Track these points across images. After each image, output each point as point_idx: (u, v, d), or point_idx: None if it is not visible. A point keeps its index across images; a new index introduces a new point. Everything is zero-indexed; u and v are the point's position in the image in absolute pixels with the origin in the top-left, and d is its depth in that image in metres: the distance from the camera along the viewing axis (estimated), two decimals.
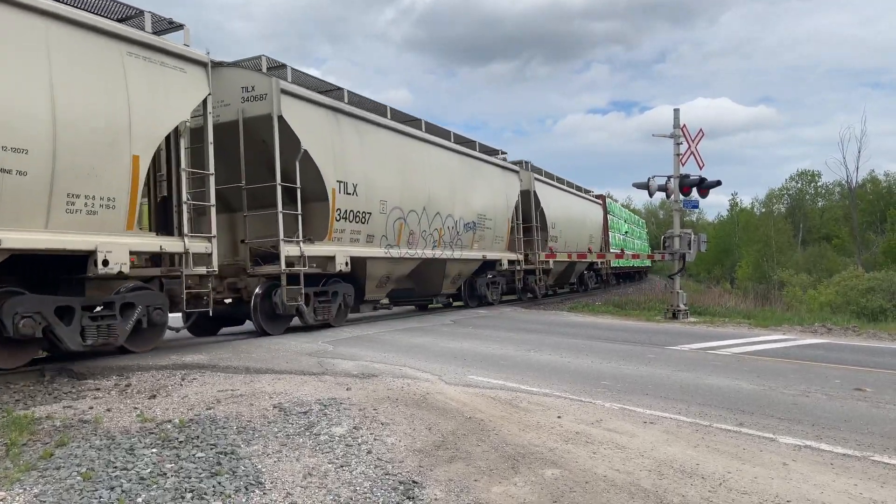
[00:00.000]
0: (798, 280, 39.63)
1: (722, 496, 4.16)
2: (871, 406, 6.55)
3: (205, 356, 8.76)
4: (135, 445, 4.94)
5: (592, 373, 8.31)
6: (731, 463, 4.78)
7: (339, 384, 7.19)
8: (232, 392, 6.73)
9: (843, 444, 5.25)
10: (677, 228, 17.40)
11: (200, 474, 4.39)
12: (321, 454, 4.90)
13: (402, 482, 4.37)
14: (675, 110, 17.59)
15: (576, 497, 4.16)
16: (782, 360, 9.51)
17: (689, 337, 12.27)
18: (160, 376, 7.53)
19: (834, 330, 13.64)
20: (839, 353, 10.20)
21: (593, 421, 5.91)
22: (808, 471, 4.63)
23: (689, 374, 8.25)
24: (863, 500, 4.12)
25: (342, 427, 5.54)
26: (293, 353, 9.26)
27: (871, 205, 58.67)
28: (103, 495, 4.01)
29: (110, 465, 4.53)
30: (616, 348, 10.59)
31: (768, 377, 8.00)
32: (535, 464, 4.74)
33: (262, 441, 5.17)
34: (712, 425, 5.81)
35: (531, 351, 10.11)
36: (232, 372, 7.87)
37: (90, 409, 6.12)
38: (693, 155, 17.31)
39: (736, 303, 23.59)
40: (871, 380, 7.88)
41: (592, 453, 4.99)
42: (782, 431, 5.61)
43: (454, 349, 10.26)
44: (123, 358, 8.65)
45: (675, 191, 17.30)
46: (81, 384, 7.33)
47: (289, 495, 4.14)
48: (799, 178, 75.62)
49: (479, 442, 5.24)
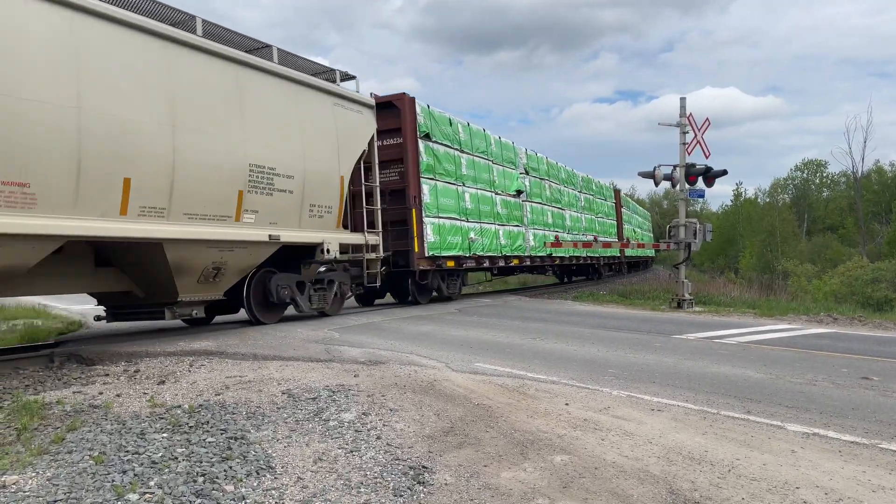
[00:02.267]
0: (803, 270, 39.53)
1: (731, 482, 4.17)
2: (879, 395, 6.56)
3: (212, 343, 8.79)
4: (146, 430, 4.97)
5: (599, 361, 8.32)
6: (739, 450, 4.79)
7: (347, 371, 7.21)
8: (240, 378, 6.76)
9: (851, 432, 5.26)
10: (683, 218, 17.37)
11: (212, 458, 4.41)
12: (331, 439, 4.92)
13: (413, 467, 4.39)
14: (681, 99, 17.55)
15: (585, 482, 4.17)
16: (789, 349, 9.51)
17: (694, 326, 12.28)
18: (168, 363, 7.56)
19: (840, 319, 13.63)
20: (845, 343, 10.20)
21: (601, 408, 5.92)
22: (817, 458, 4.64)
23: (696, 362, 8.26)
24: (871, 486, 4.13)
25: (351, 413, 5.56)
26: (300, 340, 9.29)
27: (877, 195, 58.46)
28: (116, 478, 4.03)
29: (122, 449, 4.55)
30: (622, 337, 10.59)
31: (775, 366, 8.01)
32: (544, 450, 4.76)
33: (271, 426, 5.19)
34: (720, 413, 5.82)
35: (537, 339, 10.12)
36: (240, 358, 7.90)
37: (100, 394, 6.15)
38: (699, 144, 17.26)
39: (741, 292, 23.54)
40: (877, 368, 7.88)
41: (601, 440, 5.00)
42: (790, 419, 5.62)
43: (460, 337, 10.28)
44: (132, 344, 8.69)
45: (681, 180, 17.27)
46: (91, 370, 7.36)
47: (300, 479, 4.16)
48: (804, 167, 75.43)
49: (488, 428, 5.26)
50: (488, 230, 17.93)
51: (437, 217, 15.42)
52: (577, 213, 26.21)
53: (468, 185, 17.17)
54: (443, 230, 15.59)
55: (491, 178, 18.58)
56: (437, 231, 15.37)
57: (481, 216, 17.69)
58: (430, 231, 15.03)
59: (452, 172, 16.42)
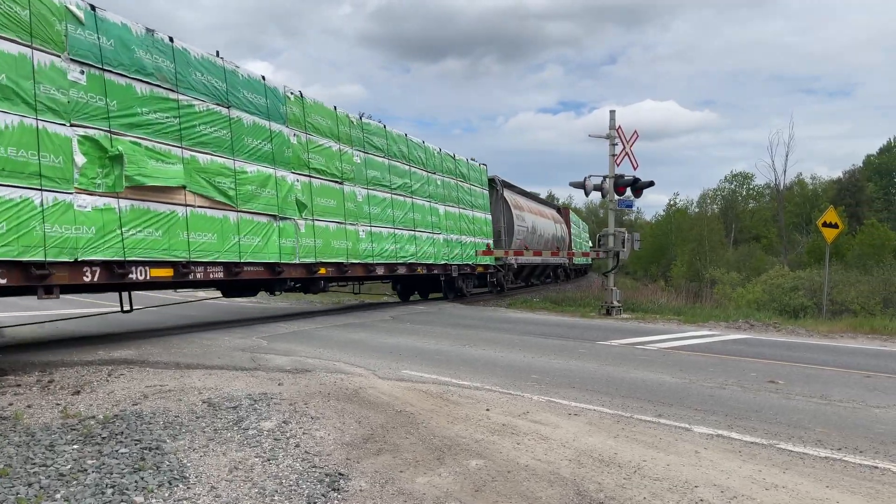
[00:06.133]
0: (728, 278, 41.03)
1: (636, 482, 4.36)
2: (782, 397, 6.93)
3: (133, 351, 8.60)
4: (55, 442, 4.85)
5: (523, 367, 8.50)
6: (647, 452, 5.00)
7: (272, 379, 7.17)
8: (160, 387, 6.64)
9: (752, 433, 5.55)
10: (612, 227, 17.86)
11: (123, 470, 4.35)
12: (248, 448, 4.91)
13: (329, 474, 4.42)
14: (610, 112, 18.07)
15: (497, 486, 4.29)
16: (705, 354, 9.92)
17: (620, 332, 12.65)
18: (85, 372, 7.36)
19: (756, 326, 14.26)
20: (758, 348, 10.69)
21: (520, 413, 6.07)
22: (718, 458, 4.88)
23: (616, 367, 8.53)
24: (765, 484, 4.38)
25: (271, 421, 5.55)
26: (226, 348, 9.17)
27: (799, 207, 61.26)
28: (21, 491, 3.93)
29: (29, 461, 4.44)
30: (548, 343, 10.84)
31: (690, 370, 8.35)
32: (460, 455, 4.86)
33: (188, 436, 5.13)
34: (633, 416, 6.05)
35: (466, 346, 10.26)
36: (161, 367, 7.75)
37: (10, 405, 5.95)
38: (628, 155, 17.80)
39: (668, 300, 24.32)
40: (784, 372, 8.31)
41: (517, 444, 5.14)
42: (697, 422, 5.90)
43: (390, 344, 10.32)
44: (48, 353, 8.41)
45: (610, 190, 17.75)
46: (2, 380, 7.09)
47: (213, 489, 4.14)
48: (732, 179, 78.43)
49: (408, 434, 5.33)
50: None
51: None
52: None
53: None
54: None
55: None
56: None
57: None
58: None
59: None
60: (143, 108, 9.24)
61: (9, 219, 7.32)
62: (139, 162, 9.02)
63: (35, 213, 7.58)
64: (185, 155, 9.92)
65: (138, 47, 9.23)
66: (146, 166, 9.14)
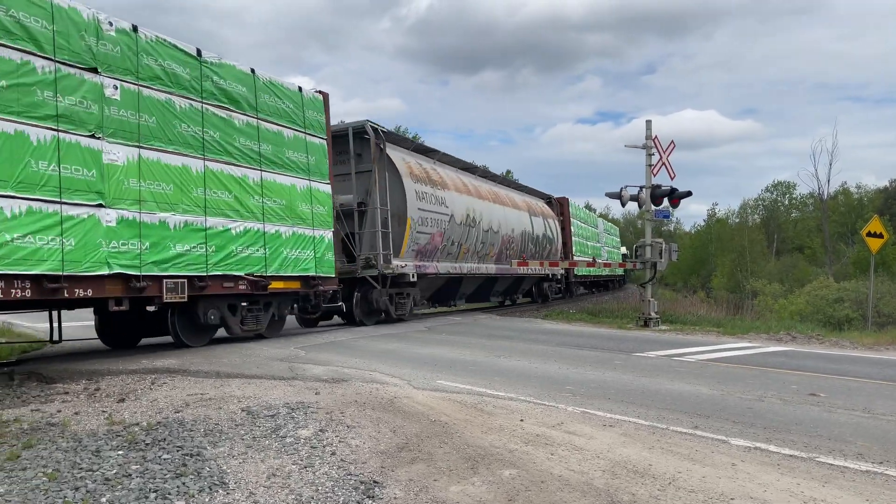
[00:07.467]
0: (770, 289, 40.26)
1: (670, 494, 4.34)
2: (823, 410, 6.79)
3: (175, 361, 8.82)
4: (101, 447, 5.02)
5: (558, 378, 8.48)
6: (682, 463, 4.96)
7: (309, 388, 7.29)
8: (201, 396, 6.81)
9: (791, 446, 5.46)
10: (649, 237, 17.70)
11: (165, 475, 4.48)
12: (286, 455, 5.01)
13: (364, 482, 4.49)
14: (647, 122, 17.96)
15: (530, 496, 4.31)
16: (744, 366, 9.76)
17: (657, 344, 12.52)
18: (129, 381, 7.58)
19: (798, 338, 13.98)
20: (800, 360, 10.48)
21: (554, 424, 6.07)
22: (755, 470, 4.82)
23: (653, 379, 8.46)
24: (804, 497, 4.32)
25: (308, 430, 5.65)
26: (264, 358, 9.34)
27: (843, 216, 59.79)
28: (68, 495, 4.09)
29: (76, 466, 4.60)
30: (584, 354, 10.79)
31: (728, 382, 8.24)
32: (494, 464, 4.89)
33: (228, 443, 5.26)
34: (669, 428, 6.00)
35: (501, 357, 10.27)
36: (202, 376, 7.94)
37: (58, 412, 6.17)
38: (665, 165, 17.65)
39: (708, 311, 23.96)
40: (826, 385, 8.14)
41: (550, 454, 5.15)
42: (735, 434, 5.82)
43: (425, 355, 10.39)
44: (94, 362, 8.68)
45: (647, 201, 17.61)
46: (50, 388, 7.36)
47: (252, 495, 4.24)
48: (774, 189, 76.97)
49: (442, 444, 5.38)
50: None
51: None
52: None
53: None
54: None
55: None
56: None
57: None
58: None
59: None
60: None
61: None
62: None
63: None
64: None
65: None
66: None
